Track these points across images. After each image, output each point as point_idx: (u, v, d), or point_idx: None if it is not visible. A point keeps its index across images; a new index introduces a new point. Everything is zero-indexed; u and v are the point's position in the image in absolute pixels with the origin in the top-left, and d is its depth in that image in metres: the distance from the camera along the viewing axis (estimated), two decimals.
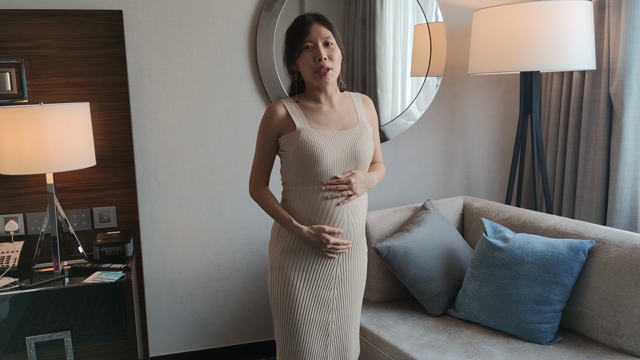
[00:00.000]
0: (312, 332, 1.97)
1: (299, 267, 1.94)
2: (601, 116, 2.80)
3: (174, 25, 2.71)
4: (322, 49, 1.86)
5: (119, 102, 2.61)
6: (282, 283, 1.95)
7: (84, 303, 2.27)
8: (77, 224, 2.62)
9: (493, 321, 2.27)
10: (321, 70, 1.86)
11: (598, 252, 2.18)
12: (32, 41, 2.48)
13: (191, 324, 2.93)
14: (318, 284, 1.96)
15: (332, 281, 1.98)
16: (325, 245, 1.89)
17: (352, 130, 1.94)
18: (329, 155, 1.86)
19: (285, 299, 1.95)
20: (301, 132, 1.87)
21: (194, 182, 2.84)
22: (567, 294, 2.19)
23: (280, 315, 1.98)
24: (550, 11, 2.57)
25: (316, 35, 1.86)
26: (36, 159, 2.22)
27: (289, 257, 1.95)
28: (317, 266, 1.95)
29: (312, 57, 1.86)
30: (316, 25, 1.88)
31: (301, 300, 1.94)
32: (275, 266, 1.97)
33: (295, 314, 1.95)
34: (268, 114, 1.93)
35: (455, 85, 3.20)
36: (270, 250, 2.02)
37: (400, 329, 2.34)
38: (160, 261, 2.84)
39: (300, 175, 1.89)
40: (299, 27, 1.89)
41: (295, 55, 1.89)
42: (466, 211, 2.85)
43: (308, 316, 1.96)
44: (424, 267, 2.45)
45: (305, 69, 1.89)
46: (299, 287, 1.94)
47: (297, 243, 1.94)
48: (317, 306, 1.97)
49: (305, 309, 1.95)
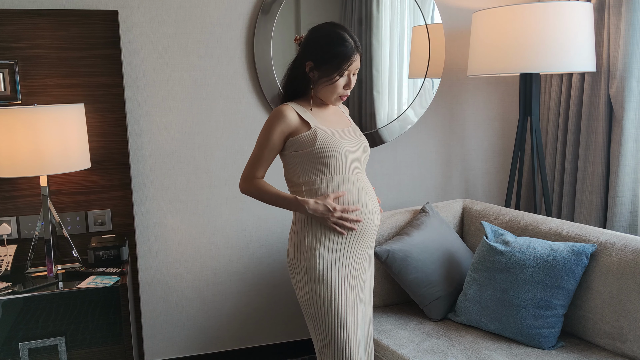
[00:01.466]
0: (360, 332, 1.96)
1: (335, 265, 1.91)
2: (601, 118, 2.78)
3: (170, 26, 2.68)
4: (352, 79, 1.93)
5: (114, 103, 2.58)
6: (322, 287, 1.89)
7: (78, 308, 2.24)
8: (71, 227, 2.58)
9: (494, 326, 2.24)
10: (344, 96, 1.95)
11: (600, 256, 2.16)
12: (25, 41, 2.45)
13: (187, 329, 2.90)
14: (354, 279, 1.94)
15: (364, 274, 1.99)
16: (334, 214, 1.87)
17: (351, 129, 2.02)
18: (346, 147, 1.91)
19: (329, 303, 1.89)
20: (318, 129, 1.89)
21: (190, 184, 2.80)
22: (569, 298, 2.17)
23: (326, 322, 1.90)
24: (551, 13, 2.56)
25: (355, 68, 1.92)
26: (30, 161, 2.19)
27: (324, 258, 1.90)
28: (351, 260, 1.94)
29: (343, 84, 1.92)
30: (357, 56, 1.91)
31: (345, 301, 1.90)
32: (311, 271, 1.90)
33: (343, 316, 1.90)
34: (279, 115, 1.90)
35: (454, 87, 3.18)
36: (298, 258, 1.94)
37: (400, 333, 2.31)
38: (156, 265, 2.80)
39: (317, 172, 1.90)
40: (347, 52, 1.87)
41: (330, 73, 1.88)
42: (465, 214, 2.83)
43: (354, 315, 1.93)
44: (423, 271, 2.42)
45: (329, 90, 1.92)
46: (341, 286, 1.90)
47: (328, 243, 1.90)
48: (356, 303, 1.94)
49: (350, 308, 1.92)
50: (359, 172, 1.97)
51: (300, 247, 1.93)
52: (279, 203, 1.94)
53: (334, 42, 1.87)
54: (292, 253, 1.97)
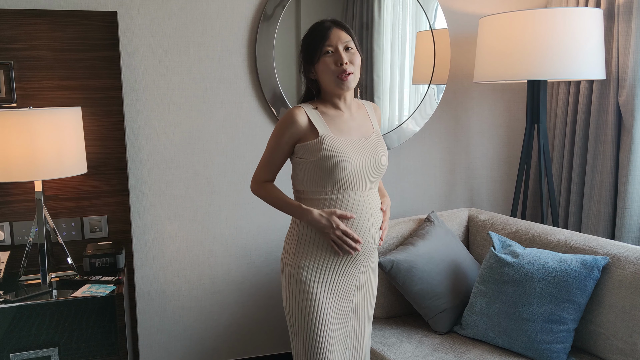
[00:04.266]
0: (335, 348, 1.88)
1: (320, 279, 1.85)
2: (610, 127, 2.72)
3: (171, 28, 2.63)
4: (343, 53, 1.81)
5: (112, 106, 2.52)
6: (302, 297, 1.85)
7: (72, 318, 2.18)
8: (66, 233, 2.52)
9: (502, 340, 2.18)
10: (343, 74, 1.80)
11: (613, 269, 2.09)
12: (22, 42, 2.39)
13: (184, 339, 2.83)
14: (339, 296, 1.88)
15: (352, 292, 1.92)
16: (335, 231, 1.79)
17: (371, 138, 1.91)
18: (354, 163, 1.81)
19: (306, 314, 1.85)
20: (325, 139, 1.80)
21: (189, 190, 2.74)
22: (580, 312, 2.10)
23: (300, 332, 1.87)
24: (560, 18, 2.51)
25: (337, 40, 1.82)
26: (24, 165, 2.14)
27: (310, 269, 1.85)
28: (339, 277, 1.87)
29: (334, 61, 1.81)
30: (336, 30, 1.83)
31: (324, 315, 1.85)
32: (293, 280, 1.87)
33: (319, 330, 1.84)
34: (289, 118, 1.84)
35: (459, 93, 3.12)
36: (286, 264, 1.91)
37: (405, 347, 2.24)
38: (153, 273, 2.74)
39: (321, 183, 1.82)
40: (318, 32, 1.84)
41: (314, 60, 1.83)
42: (471, 224, 2.77)
43: (331, 331, 1.86)
44: (429, 283, 2.36)
45: (325, 74, 1.83)
46: (321, 300, 1.85)
47: (319, 252, 1.85)
48: (338, 320, 1.89)
49: (329, 324, 1.85)
50: (367, 187, 1.87)
51: (289, 254, 1.90)
52: (284, 209, 1.89)
53: (309, 31, 1.88)
54: (283, 257, 1.94)
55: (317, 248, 1.84)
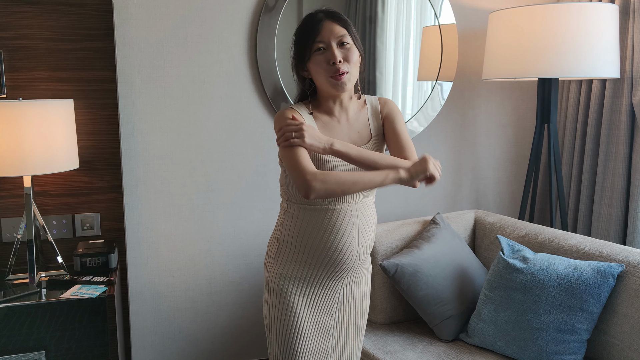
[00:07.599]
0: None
1: (299, 291, 1.75)
2: (622, 128, 2.63)
3: (168, 19, 2.53)
4: (336, 50, 1.65)
5: (106, 99, 2.45)
6: (280, 307, 1.75)
7: (61, 320, 2.10)
8: (56, 231, 2.44)
9: (511, 349, 2.08)
10: (336, 74, 1.64)
11: (628, 277, 2.00)
12: (12, 31, 2.32)
13: (179, 341, 2.74)
14: (319, 310, 1.78)
15: (335, 306, 1.81)
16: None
17: (366, 147, 1.76)
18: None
19: (283, 326, 1.75)
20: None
21: (186, 188, 2.65)
22: (593, 322, 2.01)
23: (277, 343, 1.77)
24: (573, 14, 2.41)
25: (329, 35, 1.66)
26: (12, 160, 2.07)
27: (289, 279, 1.75)
28: (320, 290, 1.77)
29: (326, 59, 1.65)
30: (328, 23, 1.67)
31: (301, 328, 1.74)
32: (272, 288, 1.77)
33: (294, 343, 1.75)
34: (275, 119, 1.71)
35: (467, 91, 3.03)
36: (267, 269, 1.82)
37: (409, 355, 2.14)
38: (147, 273, 2.65)
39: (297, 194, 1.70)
40: (308, 27, 1.68)
41: (305, 58, 1.68)
42: (478, 226, 2.67)
43: (308, 345, 1.76)
44: (434, 288, 2.26)
45: (318, 74, 1.68)
46: (299, 313, 1.74)
47: (298, 264, 1.74)
48: (317, 334, 1.78)
49: (305, 337, 1.75)
50: (356, 198, 1.71)
51: (270, 259, 1.80)
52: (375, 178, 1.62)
53: (300, 24, 1.73)
54: (265, 259, 1.84)
55: (297, 260, 1.74)
